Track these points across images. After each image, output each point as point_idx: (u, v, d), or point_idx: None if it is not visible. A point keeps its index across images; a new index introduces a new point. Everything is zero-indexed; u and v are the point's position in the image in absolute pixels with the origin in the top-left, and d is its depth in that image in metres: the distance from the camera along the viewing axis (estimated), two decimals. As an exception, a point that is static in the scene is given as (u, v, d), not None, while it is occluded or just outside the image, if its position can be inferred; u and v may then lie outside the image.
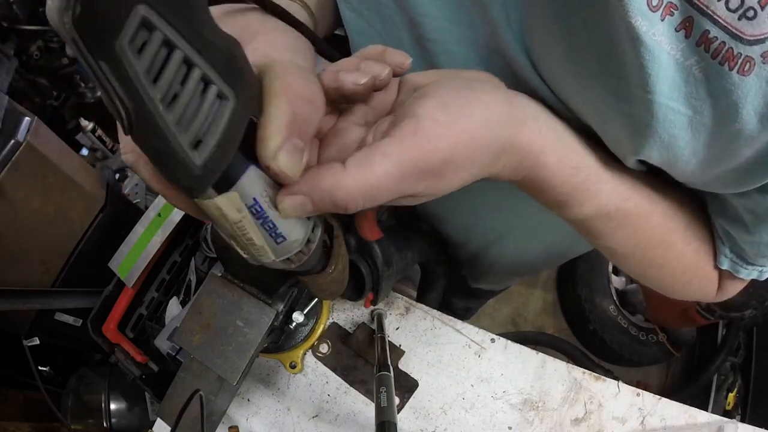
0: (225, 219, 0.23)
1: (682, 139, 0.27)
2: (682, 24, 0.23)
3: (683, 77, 0.24)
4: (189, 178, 0.20)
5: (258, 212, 0.23)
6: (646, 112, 0.26)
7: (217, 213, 0.22)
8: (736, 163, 0.28)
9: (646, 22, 0.23)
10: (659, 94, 0.25)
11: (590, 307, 1.52)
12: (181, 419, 0.45)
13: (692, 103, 0.25)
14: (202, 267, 0.84)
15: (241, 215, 0.23)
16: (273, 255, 0.26)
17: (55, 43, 1.23)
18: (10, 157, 0.83)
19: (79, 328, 1.07)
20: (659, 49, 0.24)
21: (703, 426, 0.53)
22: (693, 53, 0.24)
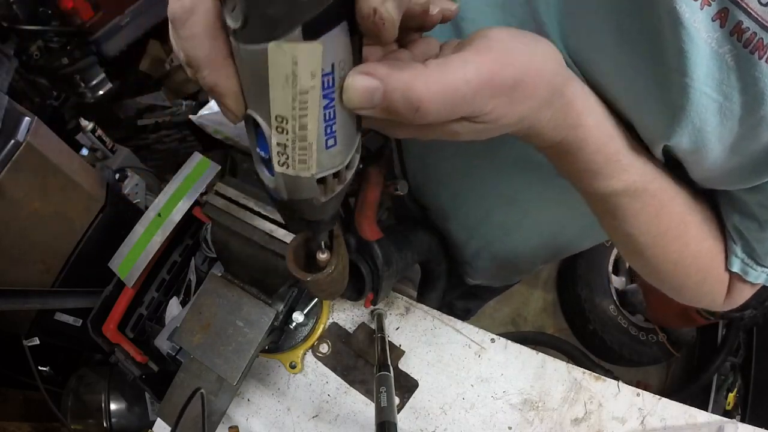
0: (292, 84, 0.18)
1: (711, 124, 0.28)
2: (718, 14, 0.25)
3: (717, 65, 0.26)
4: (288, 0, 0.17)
5: (328, 87, 0.20)
6: (682, 97, 0.27)
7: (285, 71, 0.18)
8: (757, 149, 0.29)
9: (688, 9, 0.25)
10: (696, 80, 0.27)
11: (590, 307, 1.52)
12: (181, 419, 0.45)
13: (723, 89, 0.27)
14: (202, 267, 0.84)
15: (312, 83, 0.19)
16: (315, 165, 0.21)
17: (55, 43, 1.23)
18: (10, 157, 0.83)
19: (79, 328, 1.07)
20: (698, 36, 0.25)
21: (703, 426, 0.53)
22: (726, 42, 0.25)
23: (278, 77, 0.18)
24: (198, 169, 0.74)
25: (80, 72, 1.31)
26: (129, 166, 1.33)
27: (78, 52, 1.27)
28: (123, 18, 1.32)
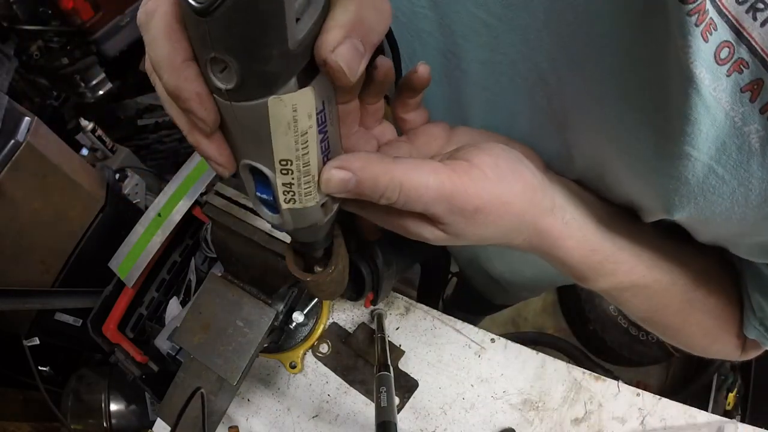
0: (294, 128, 0.20)
1: (719, 207, 0.25)
2: (750, 85, 0.21)
3: (737, 144, 0.22)
4: (284, 56, 0.18)
5: (322, 122, 0.21)
6: (686, 170, 0.24)
7: (287, 118, 0.19)
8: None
9: (710, 75, 0.20)
10: (704, 153, 0.23)
11: (590, 307, 1.52)
12: (181, 419, 0.45)
13: (740, 174, 0.23)
14: (202, 267, 0.84)
15: (309, 123, 0.20)
16: (319, 193, 0.23)
17: (55, 43, 1.23)
18: (10, 157, 0.83)
19: (79, 328, 1.07)
20: (717, 107, 0.21)
21: (703, 426, 0.53)
22: (755, 120, 0.21)
23: (280, 126, 0.20)
24: (198, 169, 0.75)
25: (80, 72, 1.31)
26: (129, 166, 1.33)
27: (78, 52, 1.27)
28: (123, 18, 1.32)
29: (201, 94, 0.20)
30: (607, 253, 0.32)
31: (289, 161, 0.21)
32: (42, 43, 1.21)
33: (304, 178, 0.22)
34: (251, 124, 0.20)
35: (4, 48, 1.06)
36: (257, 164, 0.22)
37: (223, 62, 0.18)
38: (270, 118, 0.19)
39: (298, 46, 0.18)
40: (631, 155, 0.27)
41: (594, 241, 0.32)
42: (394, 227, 0.30)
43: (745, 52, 0.20)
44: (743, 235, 0.27)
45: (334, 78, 0.20)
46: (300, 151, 0.21)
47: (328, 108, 0.22)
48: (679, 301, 0.35)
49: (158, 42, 0.20)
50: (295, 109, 0.19)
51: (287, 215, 0.24)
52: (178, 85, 0.20)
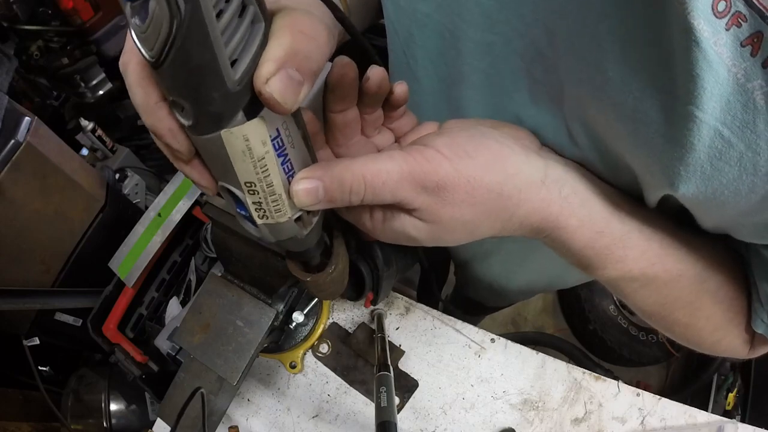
0: (249, 155, 0.22)
1: (727, 175, 0.23)
2: (750, 39, 0.20)
3: (742, 102, 0.21)
4: (225, 96, 0.20)
5: (279, 147, 0.23)
6: (692, 134, 0.22)
7: (241, 147, 0.22)
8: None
9: (709, 27, 0.20)
10: (710, 114, 0.21)
11: (590, 307, 1.52)
12: (181, 419, 0.45)
13: (747, 135, 0.21)
14: (202, 267, 0.84)
15: (265, 149, 0.22)
16: (290, 210, 0.25)
17: (55, 43, 1.23)
18: (10, 157, 0.83)
19: (79, 328, 1.07)
20: (719, 62, 0.20)
21: (703, 426, 0.53)
22: (758, 75, 0.20)
23: (237, 154, 0.22)
24: (198, 169, 0.74)
25: (80, 72, 1.31)
26: (129, 166, 1.33)
27: (78, 52, 1.27)
28: (123, 18, 1.32)
29: (173, 129, 0.23)
30: (615, 236, 0.31)
31: (253, 183, 0.24)
32: (42, 43, 1.21)
33: (271, 197, 0.24)
34: (214, 153, 0.23)
35: (4, 48, 1.06)
36: (229, 186, 0.25)
37: (180, 104, 0.21)
38: (226, 148, 0.22)
39: (238, 85, 0.20)
40: (636, 122, 0.25)
41: (600, 221, 0.30)
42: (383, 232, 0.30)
43: (742, 5, 0.20)
44: (750, 213, 0.26)
45: (272, 107, 0.21)
46: (260, 174, 0.23)
47: (285, 133, 0.24)
48: (688, 294, 0.34)
49: (133, 89, 0.23)
50: (246, 138, 0.22)
51: (265, 229, 0.27)
52: (153, 123, 0.23)
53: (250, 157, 0.22)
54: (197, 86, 0.20)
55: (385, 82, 0.28)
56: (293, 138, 0.24)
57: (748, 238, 0.29)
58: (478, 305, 0.85)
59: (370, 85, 0.28)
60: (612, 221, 0.31)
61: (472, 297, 0.81)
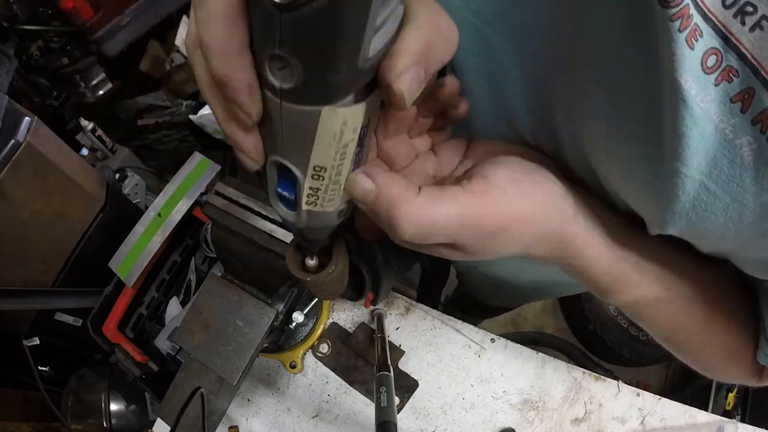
0: (337, 139, 0.20)
1: (712, 224, 0.23)
2: (740, 95, 0.19)
3: (729, 157, 0.21)
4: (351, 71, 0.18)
5: (362, 137, 0.22)
6: (677, 187, 0.22)
7: (335, 130, 0.20)
8: None
9: (696, 84, 0.19)
10: (694, 169, 0.21)
11: (590, 307, 1.52)
12: (181, 419, 0.45)
13: (733, 188, 0.21)
14: (202, 267, 0.84)
15: (353, 136, 0.21)
16: (339, 201, 0.24)
17: (55, 43, 1.23)
18: (10, 157, 0.83)
19: (79, 328, 1.07)
20: (705, 118, 0.20)
21: (703, 426, 0.53)
22: (747, 131, 0.20)
23: (326, 135, 0.20)
24: (198, 169, 0.75)
25: (80, 72, 1.31)
26: (129, 166, 1.33)
27: (78, 52, 1.27)
28: (123, 18, 1.32)
29: (252, 85, 0.19)
30: (631, 262, 0.31)
31: (324, 168, 0.21)
32: (42, 43, 1.21)
33: (333, 186, 0.23)
34: (297, 127, 0.20)
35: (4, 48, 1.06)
36: (289, 164, 0.22)
37: (285, 61, 0.17)
38: (319, 126, 0.19)
39: (366, 64, 0.18)
40: (623, 168, 0.26)
41: (618, 249, 0.31)
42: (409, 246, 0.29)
43: (734, 60, 0.19)
44: (741, 251, 0.27)
45: (392, 102, 0.20)
46: (337, 161, 0.21)
47: (371, 124, 0.22)
48: (700, 320, 0.34)
49: (214, 22, 0.18)
50: (345, 122, 0.20)
51: (304, 215, 0.24)
52: (229, 73, 0.18)
53: (337, 141, 0.20)
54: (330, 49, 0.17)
55: (456, 93, 0.28)
56: (371, 130, 0.23)
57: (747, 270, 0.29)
58: (481, 306, 0.84)
59: (444, 92, 0.27)
60: (628, 248, 0.31)
61: (476, 297, 0.81)
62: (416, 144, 0.31)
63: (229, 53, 0.18)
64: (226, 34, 0.18)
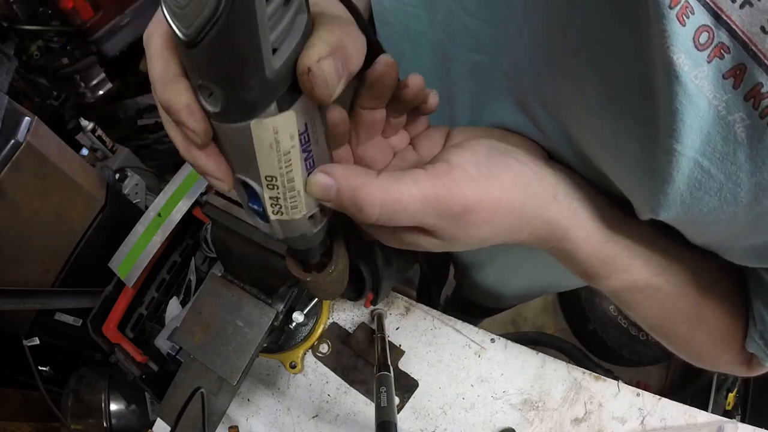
0: (276, 149, 0.21)
1: (708, 205, 0.23)
2: (732, 71, 0.19)
3: (723, 134, 0.21)
4: (262, 85, 0.19)
5: (305, 142, 0.23)
6: (671, 166, 0.22)
7: (269, 140, 0.21)
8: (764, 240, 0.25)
9: (689, 60, 0.19)
10: (689, 147, 0.21)
11: (590, 307, 1.52)
12: (181, 419, 0.45)
13: (727, 167, 0.21)
14: (202, 267, 0.84)
15: (292, 144, 0.22)
16: (305, 207, 0.25)
17: (55, 43, 1.23)
18: (10, 157, 0.83)
19: (79, 328, 1.07)
20: (699, 95, 0.20)
21: (703, 426, 0.53)
22: (739, 108, 0.20)
23: (263, 146, 0.21)
24: (198, 169, 0.74)
25: (80, 72, 1.31)
26: (129, 166, 1.33)
27: (78, 52, 1.27)
28: (123, 18, 1.32)
29: (190, 105, 0.21)
30: (620, 245, 0.30)
31: (274, 177, 0.23)
32: (42, 43, 1.21)
33: (289, 193, 0.24)
34: (238, 143, 0.22)
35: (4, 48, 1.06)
36: (247, 179, 0.24)
37: (209, 89, 0.20)
38: (253, 139, 0.21)
39: (276, 75, 0.20)
40: (617, 149, 0.25)
41: (606, 231, 0.30)
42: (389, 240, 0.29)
43: (725, 36, 0.19)
44: (735, 238, 0.26)
45: (315, 91, 0.20)
46: (284, 168, 0.22)
47: (311, 128, 0.23)
48: (690, 307, 0.34)
49: (154, 59, 0.22)
50: (276, 131, 0.21)
51: (276, 225, 0.26)
52: (170, 98, 0.21)
53: (276, 150, 0.22)
54: (234, 71, 0.19)
55: (422, 90, 0.28)
56: (318, 134, 0.24)
57: (737, 261, 0.29)
58: (477, 307, 0.85)
59: (407, 92, 0.27)
60: (617, 231, 0.30)
61: (471, 299, 0.81)
62: (393, 142, 0.31)
63: (167, 82, 0.21)
64: (162, 67, 0.22)
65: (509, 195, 0.27)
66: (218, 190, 0.25)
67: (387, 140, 0.31)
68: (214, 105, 0.20)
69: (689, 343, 0.37)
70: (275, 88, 0.20)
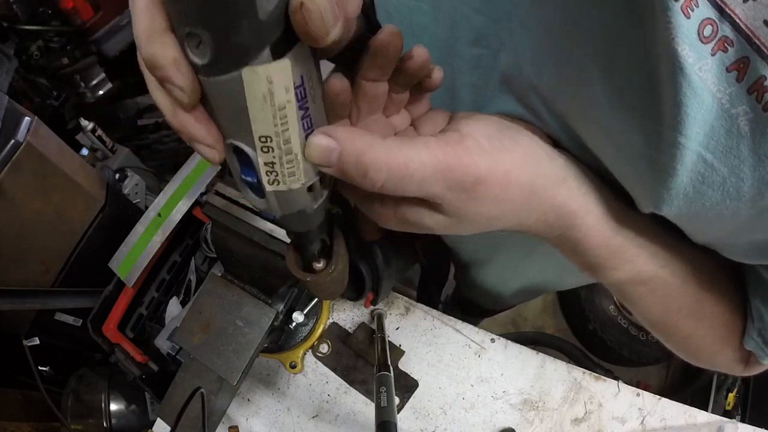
0: (270, 102, 0.20)
1: (710, 199, 0.23)
2: (736, 64, 0.19)
3: (726, 127, 0.21)
4: (254, 26, 0.18)
5: (302, 98, 0.21)
6: (675, 159, 0.22)
7: (263, 91, 0.19)
8: None
9: (694, 53, 0.19)
10: (692, 139, 0.21)
11: (590, 307, 1.52)
12: (181, 419, 0.45)
13: (730, 160, 0.21)
14: (202, 267, 0.84)
15: (287, 97, 0.20)
16: (304, 174, 0.23)
17: (55, 43, 1.23)
18: (10, 157, 0.83)
19: (79, 328, 1.07)
20: (703, 88, 0.20)
21: (703, 426, 0.53)
22: (743, 101, 0.20)
23: (256, 99, 0.20)
24: (198, 169, 0.74)
25: (80, 72, 1.31)
26: (129, 166, 1.33)
27: (78, 52, 1.27)
28: (123, 18, 1.32)
29: (177, 59, 0.20)
30: (628, 235, 0.30)
31: (269, 137, 0.21)
32: (42, 43, 1.21)
33: (286, 156, 0.22)
34: (229, 99, 0.20)
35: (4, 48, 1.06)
36: (239, 143, 0.22)
37: (197, 36, 0.19)
38: (245, 91, 0.20)
39: (269, 16, 0.18)
40: (620, 143, 0.25)
41: (614, 221, 0.29)
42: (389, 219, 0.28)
43: (729, 30, 0.19)
44: (737, 234, 0.26)
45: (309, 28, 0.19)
46: (279, 126, 0.21)
47: (308, 84, 0.21)
48: (691, 303, 0.33)
49: (138, 14, 0.20)
50: (270, 80, 0.19)
51: (272, 198, 0.24)
52: (155, 52, 0.20)
53: (270, 104, 0.20)
54: (225, 11, 0.18)
55: (427, 63, 0.26)
56: (315, 92, 0.22)
57: (737, 258, 0.29)
58: (477, 307, 0.85)
59: (412, 63, 0.26)
60: (626, 220, 0.30)
61: (471, 299, 0.81)
62: (394, 122, 0.30)
63: (152, 36, 0.20)
64: (147, 22, 0.20)
65: (521, 170, 0.26)
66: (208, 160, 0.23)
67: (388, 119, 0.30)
68: (203, 55, 0.19)
69: (688, 340, 0.37)
70: (269, 32, 0.19)
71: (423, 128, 0.31)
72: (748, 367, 0.37)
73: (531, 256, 0.53)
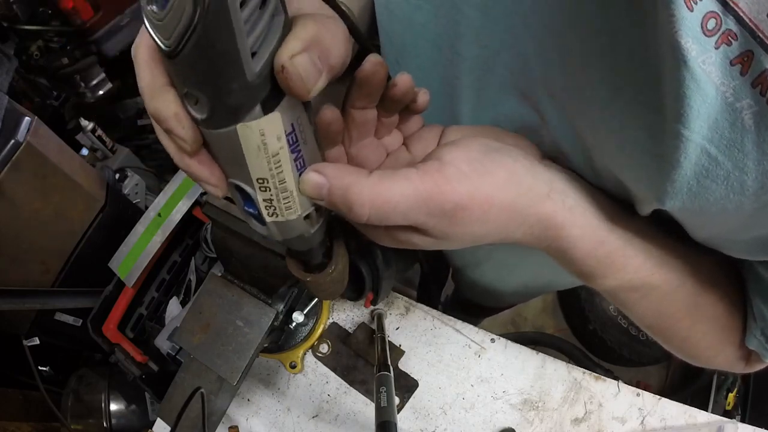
0: (264, 151, 0.22)
1: (714, 193, 0.23)
2: (740, 57, 0.19)
3: (730, 121, 0.21)
4: (244, 88, 0.20)
5: (293, 142, 0.23)
6: (678, 152, 0.22)
7: (256, 142, 0.22)
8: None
9: (697, 46, 0.19)
10: (696, 132, 0.21)
11: (590, 307, 1.52)
12: (181, 419, 0.45)
13: (734, 154, 0.21)
14: (202, 267, 0.84)
15: (279, 145, 0.22)
16: (300, 207, 0.25)
17: (55, 43, 1.23)
18: (10, 157, 0.83)
19: (79, 328, 1.07)
20: (706, 81, 0.20)
21: (703, 426, 0.53)
22: (747, 94, 0.20)
23: (251, 149, 0.22)
24: (198, 169, 0.74)
25: (80, 72, 1.31)
26: (129, 166, 1.33)
27: (78, 52, 1.27)
28: (123, 18, 1.32)
29: (178, 114, 0.22)
30: (616, 244, 0.30)
31: (266, 179, 0.23)
32: (42, 43, 1.21)
33: (282, 194, 0.24)
34: (228, 148, 0.22)
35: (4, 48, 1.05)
36: (240, 183, 0.24)
37: (194, 96, 0.21)
38: (241, 142, 0.22)
39: (257, 77, 0.20)
40: (623, 137, 0.25)
41: (602, 230, 0.30)
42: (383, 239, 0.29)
43: (733, 23, 0.19)
44: (740, 229, 0.26)
45: (293, 88, 0.21)
46: (274, 170, 0.23)
47: (298, 128, 0.23)
48: (686, 306, 0.33)
49: (142, 70, 0.22)
50: (262, 133, 0.21)
51: (273, 227, 0.26)
52: (158, 107, 0.22)
53: (264, 152, 0.22)
54: (216, 77, 0.19)
55: (410, 90, 0.28)
56: (306, 134, 0.24)
57: (739, 255, 0.29)
58: (477, 307, 0.85)
59: (396, 91, 0.27)
60: (613, 230, 0.30)
61: (469, 298, 0.81)
62: (386, 143, 0.31)
63: (155, 92, 0.22)
64: (150, 78, 0.22)
65: (502, 192, 0.27)
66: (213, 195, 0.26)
67: (380, 140, 0.31)
68: (201, 112, 0.21)
69: (686, 342, 0.37)
70: (258, 91, 0.21)
71: (414, 147, 0.32)
72: (749, 365, 0.37)
73: (528, 256, 0.53)
